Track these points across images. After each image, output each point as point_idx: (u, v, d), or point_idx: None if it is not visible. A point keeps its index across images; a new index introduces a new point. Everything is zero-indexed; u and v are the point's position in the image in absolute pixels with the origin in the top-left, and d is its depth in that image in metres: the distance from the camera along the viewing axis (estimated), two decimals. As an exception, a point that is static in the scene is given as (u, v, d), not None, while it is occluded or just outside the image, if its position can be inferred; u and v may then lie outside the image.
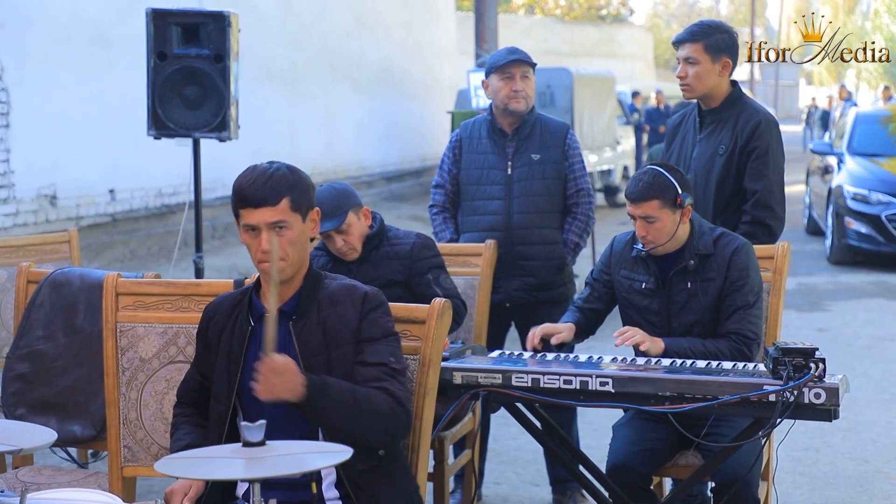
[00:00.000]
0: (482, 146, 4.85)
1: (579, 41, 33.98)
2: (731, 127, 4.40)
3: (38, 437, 2.78)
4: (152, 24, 5.72)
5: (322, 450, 2.48)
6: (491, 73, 4.80)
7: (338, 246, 4.15)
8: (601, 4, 42.45)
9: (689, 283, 3.75)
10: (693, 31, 4.45)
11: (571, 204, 4.86)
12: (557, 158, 4.81)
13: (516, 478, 5.31)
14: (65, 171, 10.48)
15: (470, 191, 4.85)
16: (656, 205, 3.69)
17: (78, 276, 4.03)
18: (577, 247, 4.89)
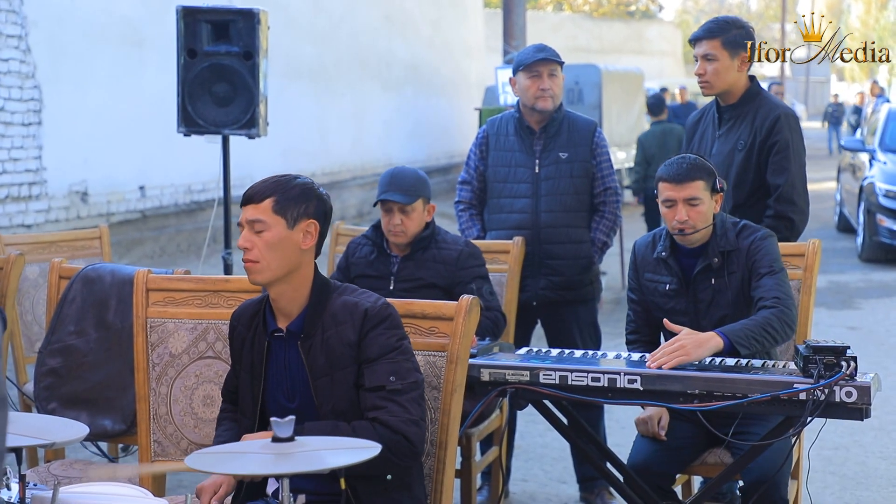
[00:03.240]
0: (509, 143, 4.82)
1: (608, 38, 33.88)
2: (749, 122, 4.38)
3: (69, 432, 2.81)
4: (182, 21, 5.75)
5: (349, 446, 2.49)
6: (518, 71, 4.76)
7: (394, 222, 4.13)
8: (630, 1, 42.29)
9: (713, 280, 3.71)
10: (710, 28, 4.42)
11: (599, 203, 4.83)
12: (585, 157, 4.78)
13: (543, 475, 5.31)
14: (96, 168, 10.55)
15: (497, 188, 4.83)
16: (701, 186, 3.65)
17: (109, 272, 4.06)
18: (604, 245, 4.87)
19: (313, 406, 2.84)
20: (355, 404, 2.83)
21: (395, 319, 2.89)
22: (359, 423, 2.76)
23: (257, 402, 2.92)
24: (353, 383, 2.84)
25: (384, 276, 4.17)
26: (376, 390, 2.80)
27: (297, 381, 2.88)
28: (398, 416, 2.77)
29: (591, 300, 4.96)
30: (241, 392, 2.99)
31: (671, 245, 3.78)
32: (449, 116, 19.73)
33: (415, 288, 4.05)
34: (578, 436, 3.81)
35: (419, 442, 2.83)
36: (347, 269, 4.28)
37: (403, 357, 2.86)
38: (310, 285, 2.91)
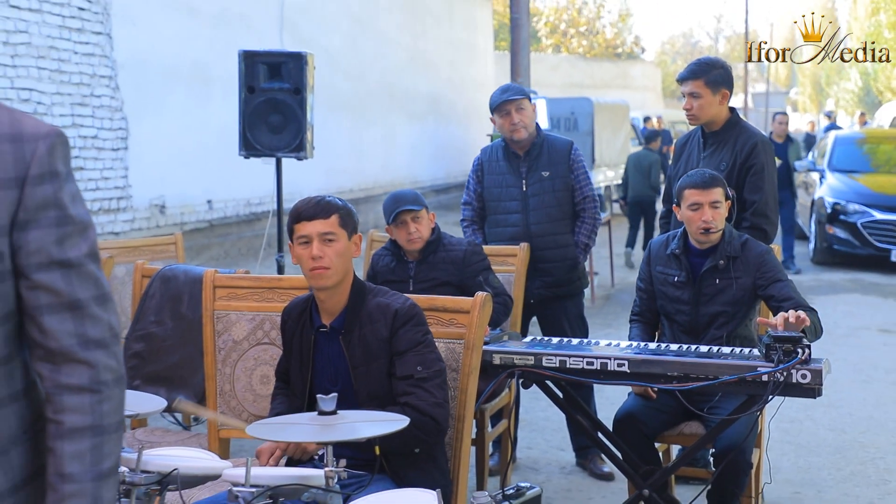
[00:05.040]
0: (500, 168, 4.78)
1: (598, 75, 33.80)
2: (730, 147, 4.36)
3: (151, 404, 2.83)
4: (244, 63, 5.77)
5: (383, 419, 2.48)
6: (493, 113, 4.74)
7: (410, 230, 4.10)
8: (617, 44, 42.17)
9: (718, 280, 3.74)
10: (694, 70, 4.40)
11: (580, 210, 4.80)
12: (564, 173, 4.74)
13: (545, 444, 5.30)
14: (172, 185, 10.60)
15: (493, 206, 4.80)
16: (720, 192, 3.73)
17: (182, 272, 4.08)
18: (587, 246, 4.84)
19: (353, 390, 2.83)
20: (388, 390, 2.83)
21: (420, 317, 2.89)
22: (393, 407, 2.75)
23: (306, 386, 2.92)
24: (387, 372, 2.83)
25: (404, 279, 4.15)
26: (406, 379, 2.79)
27: (340, 369, 2.88)
28: (426, 401, 2.77)
29: (578, 294, 4.95)
30: (291, 377, 2.99)
31: (684, 244, 3.82)
32: (464, 141, 19.73)
33: (430, 287, 4.03)
34: (575, 410, 3.80)
35: (444, 421, 2.83)
36: (374, 277, 4.26)
37: (428, 349, 2.86)
38: (350, 288, 2.91)
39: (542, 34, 39.70)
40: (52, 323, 1.47)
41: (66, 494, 1.46)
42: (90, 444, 1.48)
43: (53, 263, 1.46)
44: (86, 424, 1.48)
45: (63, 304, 1.47)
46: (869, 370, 6.87)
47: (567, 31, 40.70)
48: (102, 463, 1.49)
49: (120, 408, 1.53)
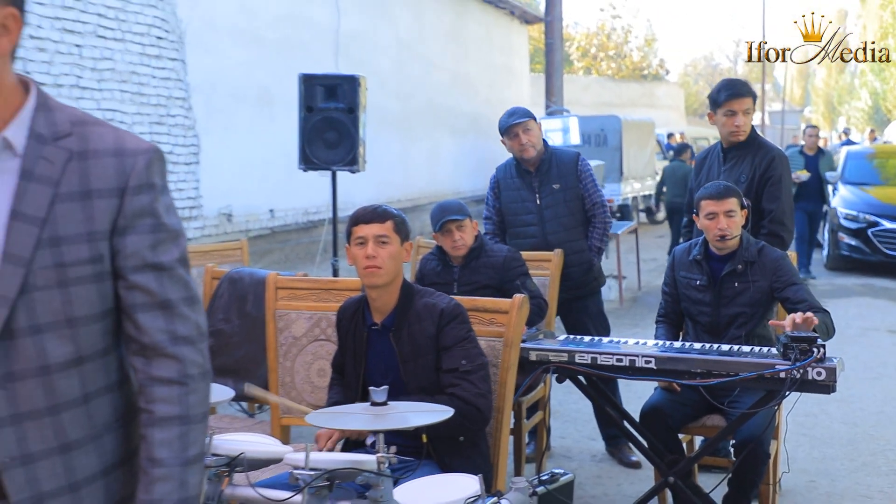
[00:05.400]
0: (514, 184, 4.75)
1: (626, 95, 33.57)
2: (750, 160, 4.30)
3: (220, 394, 2.85)
4: (303, 85, 5.82)
5: (430, 409, 2.48)
6: (503, 136, 4.71)
7: (454, 238, 4.10)
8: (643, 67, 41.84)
9: (737, 283, 3.71)
10: (748, 88, 4.36)
11: (591, 216, 4.76)
12: (573, 183, 4.70)
13: (577, 434, 5.26)
14: (238, 196, 10.69)
15: (511, 220, 4.77)
16: (735, 202, 3.71)
17: (248, 274, 4.10)
18: (600, 250, 4.80)
19: (402, 383, 2.83)
20: (435, 383, 2.82)
21: (464, 316, 2.89)
22: (440, 396, 2.75)
23: (359, 379, 2.93)
24: (433, 367, 2.83)
25: (448, 282, 4.15)
26: (452, 371, 2.79)
27: (390, 363, 2.88)
28: (470, 391, 2.76)
29: (597, 293, 4.90)
30: (346, 371, 3.00)
31: (705, 251, 3.80)
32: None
33: (473, 290, 4.02)
34: (605, 403, 3.77)
35: (487, 410, 2.82)
36: (421, 280, 4.26)
37: (471, 345, 2.86)
38: (399, 289, 2.92)
39: (573, 58, 39.51)
40: (145, 320, 1.49)
41: (156, 477, 1.48)
42: (178, 433, 1.49)
43: (147, 266, 1.48)
44: (174, 414, 1.49)
45: (155, 304, 1.49)
46: (879, 368, 6.75)
47: (597, 54, 40.46)
48: (189, 450, 1.50)
49: (205, 400, 1.55)
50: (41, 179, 1.41)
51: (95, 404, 1.50)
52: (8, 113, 1.42)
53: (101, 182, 1.44)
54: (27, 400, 1.43)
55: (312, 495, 2.17)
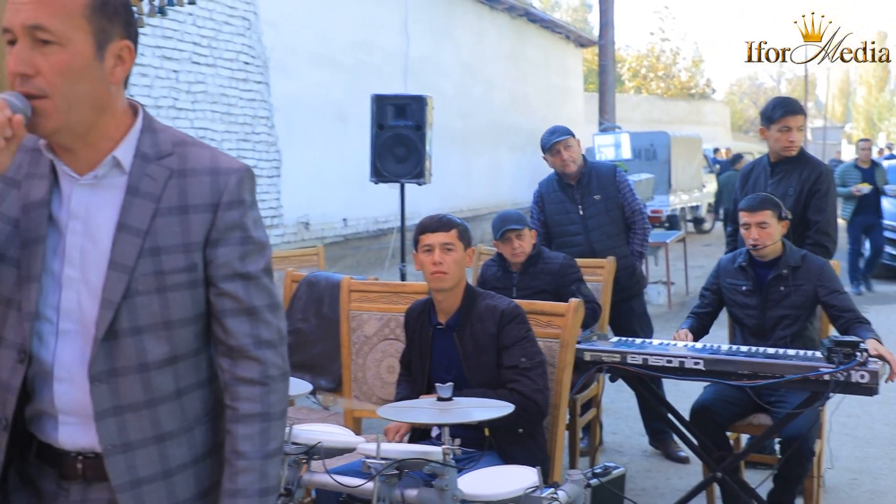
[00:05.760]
0: (558, 197, 4.71)
1: (674, 112, 33.08)
2: (798, 175, 4.19)
3: (299, 388, 2.85)
4: (375, 104, 5.85)
5: (491, 405, 2.46)
6: (545, 153, 4.68)
7: (513, 246, 4.07)
8: (691, 86, 41.19)
9: (782, 287, 3.63)
10: (801, 107, 4.26)
11: (631, 223, 4.70)
12: (612, 194, 4.65)
13: (628, 430, 5.18)
14: (315, 206, 10.81)
15: (557, 231, 4.71)
16: (769, 214, 3.62)
17: (324, 278, 4.11)
18: (641, 254, 4.74)
19: (465, 380, 2.81)
20: (495, 379, 2.80)
21: (523, 317, 2.86)
22: (502, 390, 2.73)
23: (425, 375, 2.92)
24: (494, 364, 2.81)
25: (508, 287, 4.11)
26: (512, 368, 2.77)
27: (453, 361, 2.86)
28: (529, 387, 2.74)
29: (640, 295, 4.83)
30: (413, 367, 2.99)
31: (750, 258, 3.72)
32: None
33: (531, 294, 3.97)
34: (656, 402, 3.70)
35: (545, 405, 2.79)
36: (482, 285, 4.23)
37: (530, 344, 2.83)
38: (463, 291, 2.90)
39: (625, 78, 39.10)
40: (233, 325, 1.50)
41: (239, 469, 1.49)
42: (259, 428, 1.50)
43: (236, 276, 1.49)
44: (256, 412, 1.51)
45: (242, 310, 1.50)
46: (920, 372, 6.49)
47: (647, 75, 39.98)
48: (269, 444, 1.51)
49: (284, 399, 1.56)
50: (145, 195, 1.44)
51: (187, 399, 1.52)
52: (118, 134, 1.45)
53: (198, 198, 1.47)
54: (128, 394, 1.45)
55: (383, 483, 2.17)
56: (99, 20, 1.38)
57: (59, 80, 1.35)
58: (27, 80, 1.35)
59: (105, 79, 1.41)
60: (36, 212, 1.44)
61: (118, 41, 1.41)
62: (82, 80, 1.37)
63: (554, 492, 2.28)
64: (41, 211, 1.44)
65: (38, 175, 1.46)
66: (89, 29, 1.37)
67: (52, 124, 1.38)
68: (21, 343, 1.44)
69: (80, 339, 1.44)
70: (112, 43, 1.40)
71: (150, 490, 1.47)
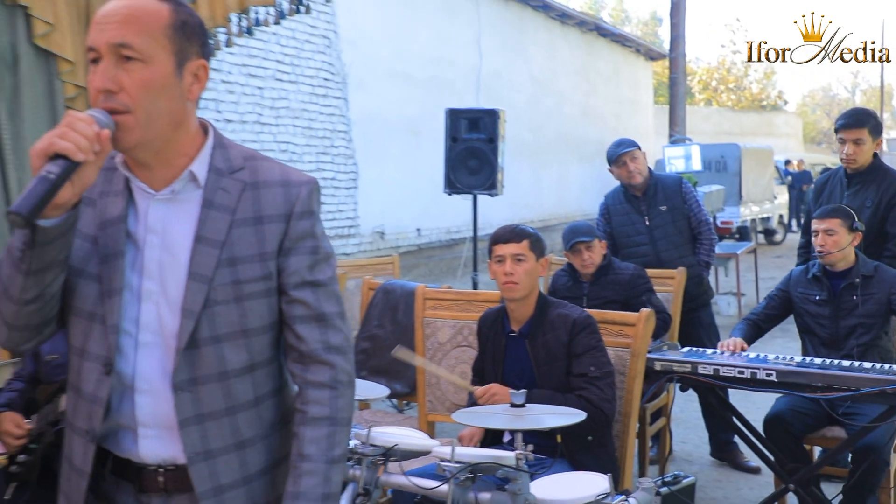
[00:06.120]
0: (624, 209, 4.66)
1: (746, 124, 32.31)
2: (875, 186, 4.05)
3: (375, 391, 2.88)
4: (449, 118, 5.88)
5: (563, 413, 2.44)
6: (611, 165, 4.64)
7: (583, 257, 4.05)
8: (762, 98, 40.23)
9: (855, 296, 3.53)
10: (861, 119, 4.10)
11: (697, 233, 4.64)
12: (678, 205, 4.59)
13: (697, 439, 5.06)
14: (390, 216, 10.92)
15: (623, 241, 4.65)
16: (838, 222, 3.55)
17: (399, 286, 4.13)
18: (707, 264, 4.65)
19: (536, 386, 2.79)
20: (565, 386, 2.78)
21: (594, 326, 2.84)
22: (571, 395, 2.72)
23: (498, 381, 2.90)
24: (565, 372, 2.79)
25: (578, 296, 4.08)
26: (581, 376, 2.75)
27: (525, 368, 2.85)
28: (597, 396, 2.71)
29: (707, 305, 4.74)
30: (486, 373, 2.98)
31: (823, 268, 3.64)
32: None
33: (601, 304, 3.93)
34: (727, 411, 3.62)
35: (611, 414, 2.76)
36: (554, 294, 4.21)
37: (600, 353, 2.81)
38: (535, 300, 2.90)
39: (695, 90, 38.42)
40: (304, 330, 1.49)
41: (303, 471, 1.47)
42: (326, 432, 1.49)
43: (306, 283, 1.49)
44: (324, 415, 1.49)
45: (312, 316, 1.49)
46: None
47: (717, 87, 39.20)
48: (334, 449, 1.49)
49: (351, 405, 1.54)
50: (220, 207, 1.45)
51: (264, 406, 1.52)
52: (193, 150, 1.46)
53: (271, 209, 1.47)
54: (209, 402, 1.45)
55: (457, 485, 2.17)
56: (179, 40, 1.40)
57: (142, 95, 1.37)
58: (111, 96, 1.36)
59: (183, 96, 1.42)
60: (113, 228, 1.45)
61: (195, 60, 1.43)
62: (163, 96, 1.39)
63: (625, 499, 2.25)
64: (118, 227, 1.44)
65: (112, 193, 1.47)
66: (170, 48, 1.39)
67: (133, 138, 1.38)
68: (106, 355, 1.44)
69: (159, 350, 1.44)
70: (190, 61, 1.42)
71: (231, 497, 1.46)
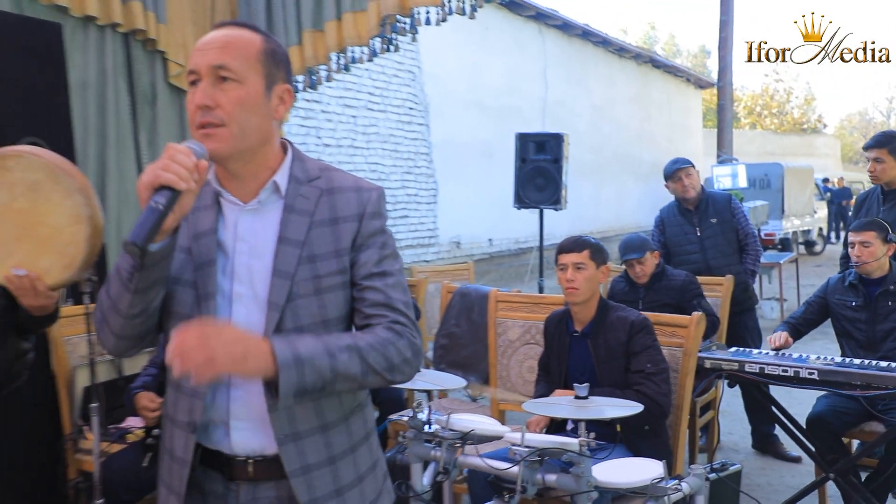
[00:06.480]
0: (678, 221, 4.59)
1: (787, 145, 31.20)
2: None
3: (453, 382, 2.88)
4: (518, 142, 5.86)
5: (622, 405, 2.40)
6: (667, 180, 4.60)
7: (635, 271, 4.01)
8: (804, 121, 38.79)
9: (890, 302, 3.38)
10: (880, 140, 3.96)
11: (744, 245, 4.54)
12: (728, 218, 4.52)
13: (743, 430, 4.90)
14: (465, 228, 10.94)
15: (676, 250, 4.58)
16: (873, 234, 3.42)
17: (474, 290, 4.14)
18: (753, 273, 4.54)
19: (597, 382, 2.76)
20: (624, 382, 2.73)
21: (650, 328, 2.79)
22: (629, 391, 2.67)
23: (562, 376, 2.88)
24: (623, 369, 2.74)
25: (634, 300, 4.01)
26: (638, 373, 2.70)
27: (587, 365, 2.82)
28: (653, 390, 2.66)
29: (752, 310, 4.60)
30: (551, 369, 2.96)
31: (860, 276, 3.51)
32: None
33: (655, 307, 3.86)
34: (772, 406, 3.50)
35: (667, 406, 2.70)
36: (612, 298, 4.13)
37: (655, 352, 2.75)
38: (597, 304, 2.87)
39: (741, 115, 37.33)
40: (371, 310, 1.43)
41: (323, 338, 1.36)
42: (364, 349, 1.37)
43: (375, 274, 1.44)
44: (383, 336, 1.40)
45: (380, 301, 1.43)
46: None
47: (761, 112, 37.99)
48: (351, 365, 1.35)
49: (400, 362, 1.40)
50: (300, 212, 1.44)
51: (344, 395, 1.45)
52: (276, 164, 1.46)
53: (346, 210, 1.45)
54: None
55: (527, 467, 2.16)
56: (269, 65, 1.41)
57: (236, 111, 1.37)
58: (209, 111, 1.36)
59: (270, 114, 1.42)
60: (206, 239, 1.44)
61: (281, 84, 1.43)
62: (254, 113, 1.39)
63: (678, 483, 2.20)
64: (210, 238, 1.44)
65: (202, 207, 1.46)
66: (262, 71, 1.40)
67: (227, 149, 1.38)
68: None
69: None
70: (277, 85, 1.42)
71: (318, 475, 1.41)
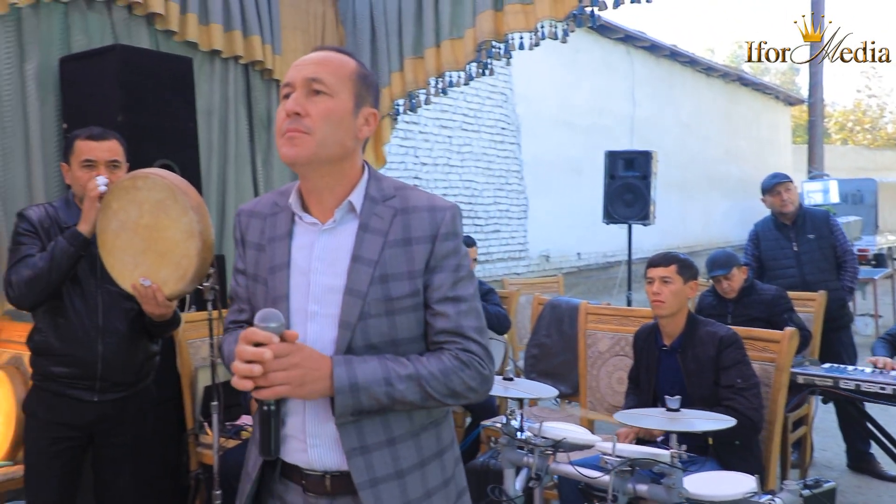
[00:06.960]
0: (773, 235, 4.39)
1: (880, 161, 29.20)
2: None
3: (545, 391, 2.82)
4: (607, 159, 5.77)
5: (714, 419, 2.30)
6: (765, 194, 4.41)
7: (723, 286, 3.87)
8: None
9: None
10: None
11: (842, 262, 4.31)
12: (825, 234, 4.30)
13: (837, 447, 4.60)
14: (554, 242, 10.83)
15: (771, 264, 4.38)
16: None
17: (564, 302, 4.11)
18: (851, 289, 4.30)
19: (686, 395, 2.66)
20: (714, 396, 2.63)
21: (740, 343, 2.67)
22: (719, 408, 2.55)
23: (651, 389, 2.80)
24: (713, 382, 2.64)
25: (723, 314, 3.85)
26: (729, 388, 2.59)
27: (677, 378, 2.73)
28: (744, 405, 2.55)
29: (847, 327, 4.35)
30: (640, 382, 2.89)
31: None
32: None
33: (744, 321, 3.69)
34: (869, 423, 3.27)
35: (759, 422, 2.58)
36: (700, 312, 3.99)
37: (745, 366, 2.63)
38: (685, 318, 2.76)
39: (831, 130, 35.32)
40: (442, 338, 1.38)
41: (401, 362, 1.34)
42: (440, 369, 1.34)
43: (448, 299, 1.38)
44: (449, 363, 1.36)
45: (452, 329, 1.37)
46: None
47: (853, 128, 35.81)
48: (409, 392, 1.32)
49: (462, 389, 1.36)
50: (374, 231, 1.38)
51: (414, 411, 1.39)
52: (354, 181, 1.42)
53: (419, 231, 1.38)
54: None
55: (617, 476, 2.10)
56: (359, 86, 1.40)
57: (322, 121, 1.35)
58: (297, 119, 1.35)
59: (354, 132, 1.39)
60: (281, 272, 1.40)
61: (368, 107, 1.41)
62: (339, 126, 1.37)
63: (771, 498, 2.08)
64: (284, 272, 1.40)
65: (277, 238, 1.43)
66: (352, 90, 1.38)
67: (307, 155, 1.35)
68: None
69: None
70: (364, 107, 1.40)
71: (385, 488, 1.34)
